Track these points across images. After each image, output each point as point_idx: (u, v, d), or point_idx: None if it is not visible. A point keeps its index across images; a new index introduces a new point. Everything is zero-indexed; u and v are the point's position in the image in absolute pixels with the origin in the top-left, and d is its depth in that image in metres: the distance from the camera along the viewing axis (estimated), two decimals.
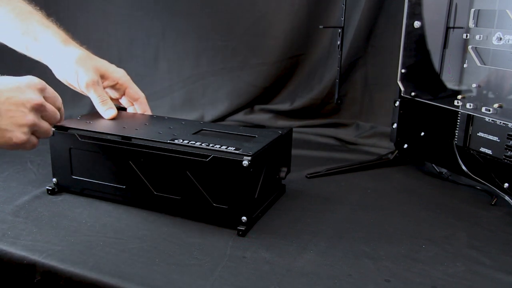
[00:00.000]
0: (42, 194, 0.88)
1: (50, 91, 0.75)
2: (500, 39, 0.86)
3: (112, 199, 0.84)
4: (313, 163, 1.07)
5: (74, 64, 0.87)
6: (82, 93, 0.89)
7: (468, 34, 0.93)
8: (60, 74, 0.89)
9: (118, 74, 0.92)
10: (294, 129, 0.95)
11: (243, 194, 0.73)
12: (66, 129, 0.84)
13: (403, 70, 1.01)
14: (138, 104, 0.95)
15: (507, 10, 0.84)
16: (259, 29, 1.33)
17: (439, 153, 1.03)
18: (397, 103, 1.04)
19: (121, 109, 1.01)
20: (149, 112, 0.96)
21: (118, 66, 1.41)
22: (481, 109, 0.90)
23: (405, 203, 0.89)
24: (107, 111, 0.89)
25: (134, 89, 0.94)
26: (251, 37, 1.34)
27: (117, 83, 0.93)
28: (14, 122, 0.68)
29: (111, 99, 0.92)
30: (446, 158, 1.00)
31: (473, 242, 0.75)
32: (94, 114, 0.96)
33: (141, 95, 0.95)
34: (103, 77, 0.90)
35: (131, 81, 0.94)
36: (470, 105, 0.92)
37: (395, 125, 1.06)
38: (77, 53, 0.88)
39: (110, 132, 0.83)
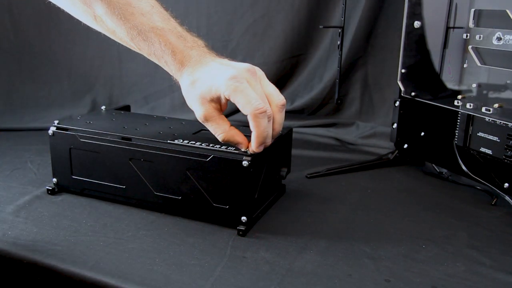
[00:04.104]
0: (42, 194, 0.88)
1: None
2: (500, 39, 0.86)
3: (112, 199, 0.84)
4: (313, 163, 1.07)
5: (185, 98, 0.73)
6: None
7: (468, 34, 0.93)
8: None
9: (220, 91, 0.68)
10: (294, 129, 0.95)
11: (243, 194, 0.73)
12: (66, 129, 0.84)
13: (403, 70, 1.01)
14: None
15: (507, 10, 0.84)
16: (259, 29, 1.33)
17: (439, 153, 1.03)
18: (397, 103, 1.04)
19: (122, 108, 1.01)
20: (254, 133, 0.70)
21: (118, 66, 1.43)
22: (481, 109, 0.90)
23: (405, 203, 0.89)
24: (238, 147, 0.74)
25: (239, 105, 0.68)
26: (251, 37, 1.34)
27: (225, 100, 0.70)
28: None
29: None
30: (446, 158, 1.00)
31: (473, 242, 0.75)
32: (94, 114, 0.97)
33: (245, 112, 0.68)
34: (213, 100, 0.70)
35: (234, 94, 0.67)
36: (470, 105, 0.92)
37: (395, 125, 1.06)
38: (183, 85, 0.72)
39: (110, 132, 0.83)
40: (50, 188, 0.88)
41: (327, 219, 0.82)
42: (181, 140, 0.78)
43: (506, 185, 0.86)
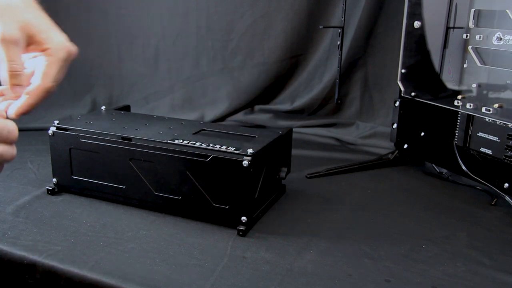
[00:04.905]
0: (42, 194, 0.88)
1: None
2: (500, 39, 0.86)
3: (112, 199, 0.84)
4: (313, 163, 1.07)
5: None
6: None
7: (468, 34, 0.93)
8: None
9: (52, 43, 0.58)
10: (294, 129, 0.95)
11: (243, 194, 0.73)
12: (66, 129, 0.84)
13: (403, 70, 1.01)
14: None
15: (507, 10, 0.84)
16: (259, 29, 1.33)
17: (439, 153, 1.03)
18: (397, 103, 1.04)
19: (122, 108, 1.01)
20: (27, 100, 0.58)
21: (118, 66, 1.43)
22: (481, 109, 0.90)
23: (405, 203, 0.89)
24: (12, 89, 0.58)
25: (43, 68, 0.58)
26: (251, 37, 1.34)
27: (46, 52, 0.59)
28: None
29: None
30: (446, 158, 1.00)
31: (473, 242, 0.75)
32: (94, 114, 0.97)
33: (39, 77, 0.57)
34: (31, 39, 0.58)
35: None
36: (470, 105, 0.92)
37: (395, 125, 1.06)
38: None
39: (110, 132, 0.83)
40: (50, 188, 0.88)
41: (327, 219, 0.82)
42: (181, 140, 0.78)
43: (506, 185, 0.86)
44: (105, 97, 1.44)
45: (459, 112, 0.99)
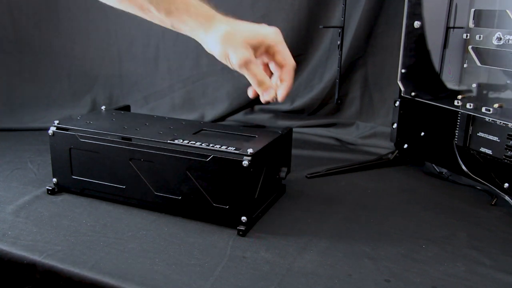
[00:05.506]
0: (42, 194, 0.88)
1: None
2: (500, 39, 0.86)
3: (112, 199, 0.84)
4: (313, 163, 1.07)
5: (221, 46, 0.74)
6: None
7: (468, 34, 0.93)
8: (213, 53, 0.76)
9: (269, 38, 0.75)
10: (294, 129, 0.95)
11: (243, 194, 0.73)
12: (66, 129, 0.84)
13: (403, 70, 1.01)
14: (281, 73, 0.76)
15: (507, 10, 0.84)
16: None
17: (439, 153, 1.03)
18: (397, 103, 1.04)
19: (122, 108, 1.01)
20: (287, 83, 0.75)
21: (118, 66, 1.43)
22: (481, 109, 0.90)
23: (405, 203, 0.89)
24: (265, 94, 0.74)
25: (281, 55, 0.75)
26: None
27: (269, 47, 0.76)
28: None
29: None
30: (446, 158, 1.00)
31: (473, 242, 0.75)
32: (94, 114, 0.97)
33: (287, 62, 0.75)
34: (255, 48, 0.75)
35: (281, 43, 0.75)
36: (470, 105, 0.92)
37: (395, 125, 1.06)
38: (221, 32, 0.75)
39: (110, 132, 0.83)
40: (50, 188, 0.88)
41: (327, 219, 0.82)
42: (181, 140, 0.78)
43: (506, 185, 0.86)
44: (105, 97, 1.44)
45: (459, 112, 0.99)
